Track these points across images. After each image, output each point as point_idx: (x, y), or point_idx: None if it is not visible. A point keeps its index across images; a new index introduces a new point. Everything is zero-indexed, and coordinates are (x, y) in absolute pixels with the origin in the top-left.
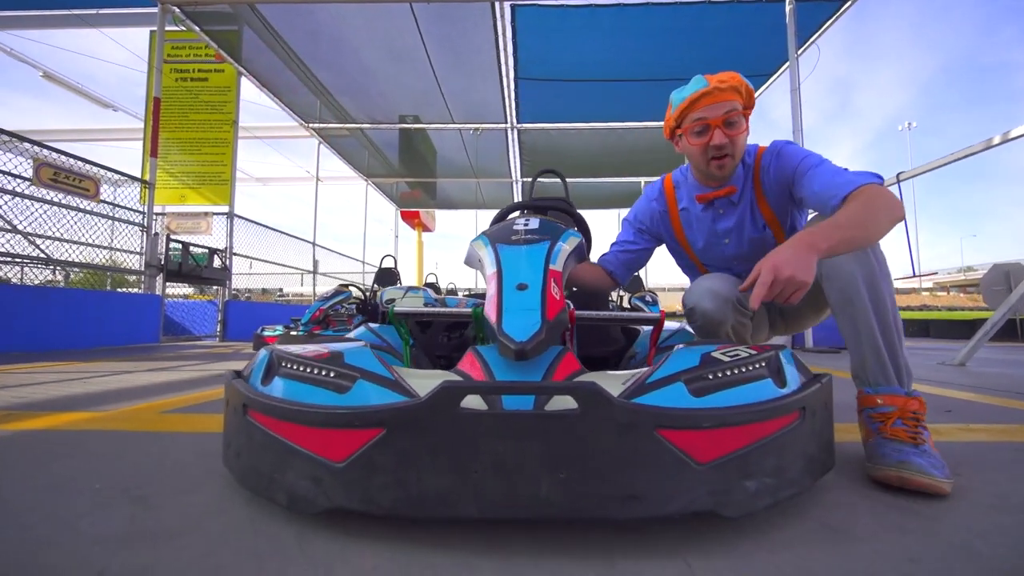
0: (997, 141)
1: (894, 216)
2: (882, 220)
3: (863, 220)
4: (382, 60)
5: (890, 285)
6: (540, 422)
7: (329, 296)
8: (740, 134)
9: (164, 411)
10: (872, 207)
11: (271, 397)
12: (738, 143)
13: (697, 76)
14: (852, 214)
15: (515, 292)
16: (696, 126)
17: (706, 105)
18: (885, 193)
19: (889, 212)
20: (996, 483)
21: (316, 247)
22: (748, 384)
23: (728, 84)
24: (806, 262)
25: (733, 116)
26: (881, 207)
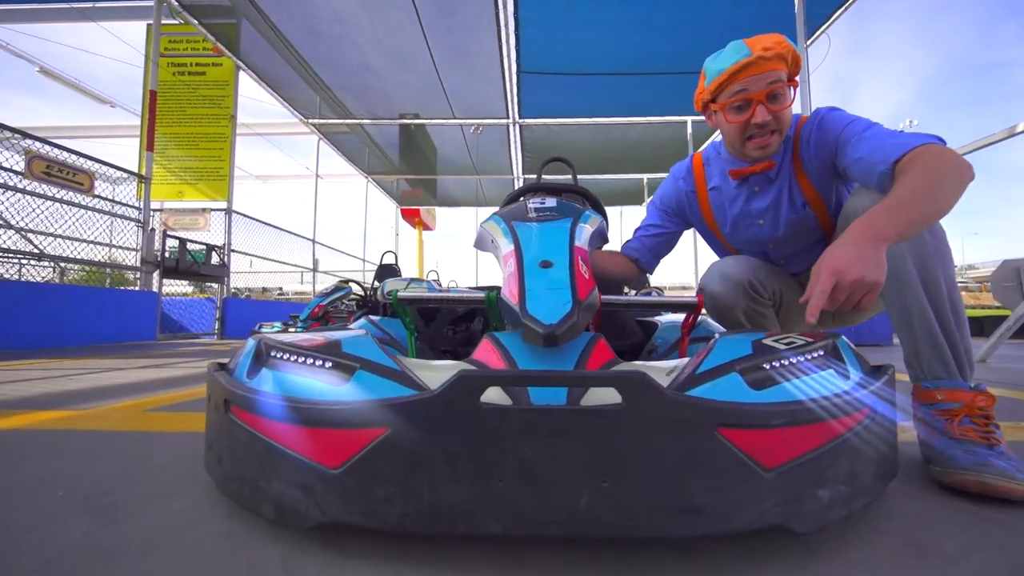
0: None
1: (963, 178)
2: (949, 186)
3: (930, 190)
4: (383, 55)
5: (947, 263)
6: (578, 419)
7: (329, 292)
8: (785, 108)
9: (149, 409)
10: (936, 173)
11: (257, 391)
12: (784, 118)
13: (736, 42)
14: (915, 186)
15: (539, 270)
16: (735, 101)
17: (748, 77)
18: (947, 153)
19: (957, 174)
20: None
21: (316, 244)
22: (811, 375)
23: (774, 52)
24: (873, 258)
25: (778, 88)
26: (947, 170)
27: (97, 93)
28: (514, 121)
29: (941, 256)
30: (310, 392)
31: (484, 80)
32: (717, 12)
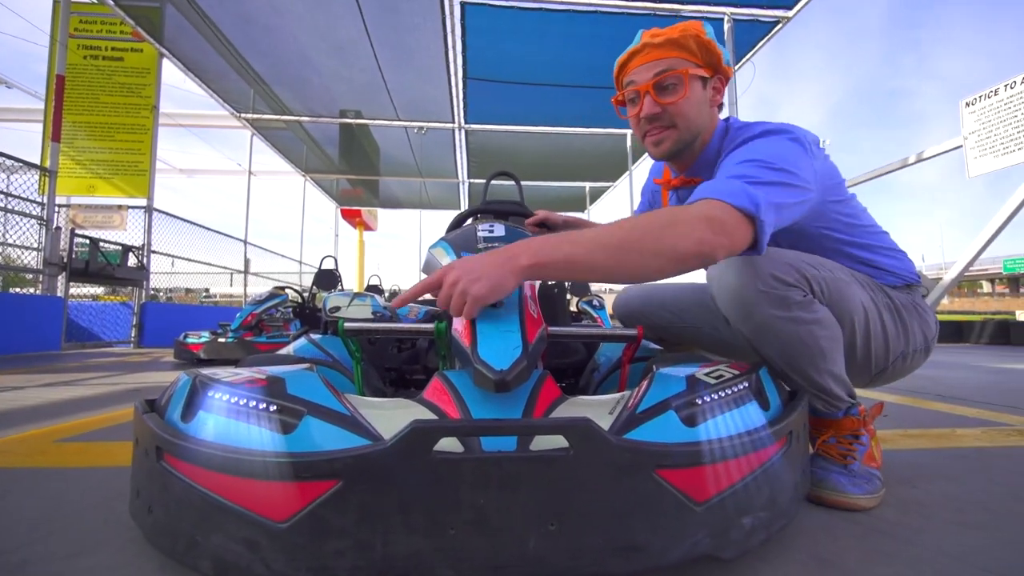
0: (912, 160)
1: (668, 246)
2: (649, 251)
3: (621, 243)
4: (322, 50)
5: (784, 306)
6: (527, 466)
7: (263, 299)
8: (678, 100)
9: (59, 439)
10: (650, 228)
11: (193, 439)
12: (680, 111)
13: (639, 31)
14: (616, 232)
15: (488, 310)
16: (628, 93)
17: (636, 67)
18: (699, 214)
19: (669, 244)
20: (951, 496)
21: (248, 245)
22: (736, 410)
23: (663, 37)
24: (489, 274)
25: (668, 78)
26: (661, 230)
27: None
28: (460, 126)
29: (759, 292)
30: (254, 441)
31: (429, 82)
32: None
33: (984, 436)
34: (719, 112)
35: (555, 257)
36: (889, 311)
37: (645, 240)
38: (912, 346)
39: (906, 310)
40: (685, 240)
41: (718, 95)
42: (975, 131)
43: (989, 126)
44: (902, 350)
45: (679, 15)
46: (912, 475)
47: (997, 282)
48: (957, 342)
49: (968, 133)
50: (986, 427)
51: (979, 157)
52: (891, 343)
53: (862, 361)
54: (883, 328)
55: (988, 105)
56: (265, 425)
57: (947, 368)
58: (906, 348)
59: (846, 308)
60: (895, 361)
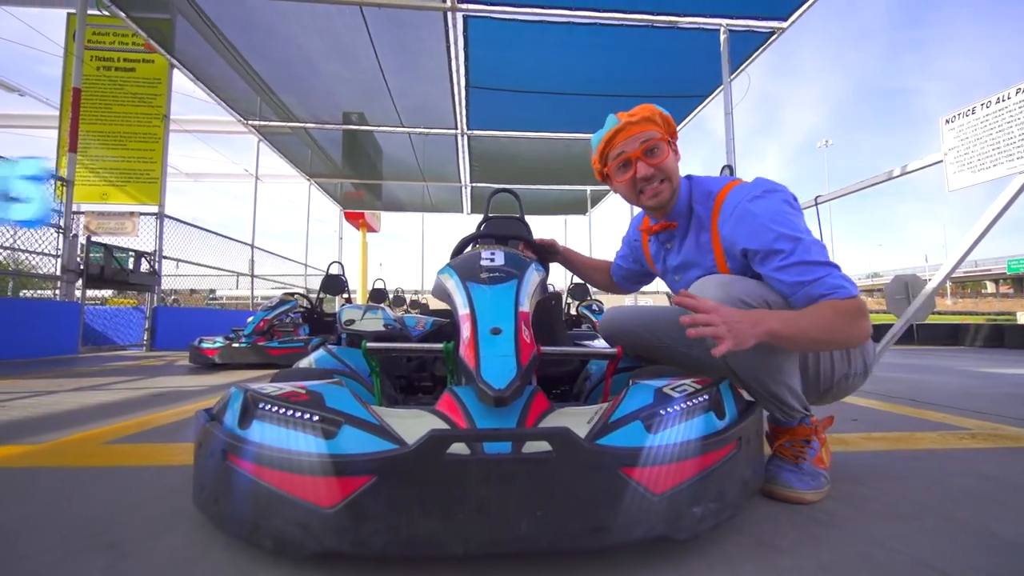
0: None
1: (851, 341)
2: (837, 341)
3: (821, 336)
4: (328, 60)
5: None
6: (519, 466)
7: (274, 306)
8: (664, 159)
9: (107, 442)
10: (840, 322)
11: (252, 443)
12: (667, 168)
13: (609, 115)
14: (815, 323)
15: (490, 337)
16: (618, 162)
17: (622, 140)
18: (855, 311)
19: (847, 336)
20: (889, 492)
21: (255, 249)
22: (694, 419)
23: (639, 116)
24: (744, 328)
25: (652, 144)
26: (847, 326)
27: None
28: (462, 132)
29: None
30: (302, 444)
31: (433, 91)
32: (653, 43)
33: (939, 439)
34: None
35: (785, 333)
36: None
37: (846, 328)
38: (853, 369)
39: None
40: (862, 330)
41: (678, 154)
42: (954, 147)
43: (967, 143)
44: (844, 372)
45: (676, 26)
46: (862, 474)
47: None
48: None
49: (948, 149)
50: (944, 431)
51: (958, 172)
52: (836, 365)
53: (812, 379)
54: (829, 352)
55: (966, 123)
56: (311, 432)
57: (931, 372)
58: (848, 371)
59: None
60: (839, 381)
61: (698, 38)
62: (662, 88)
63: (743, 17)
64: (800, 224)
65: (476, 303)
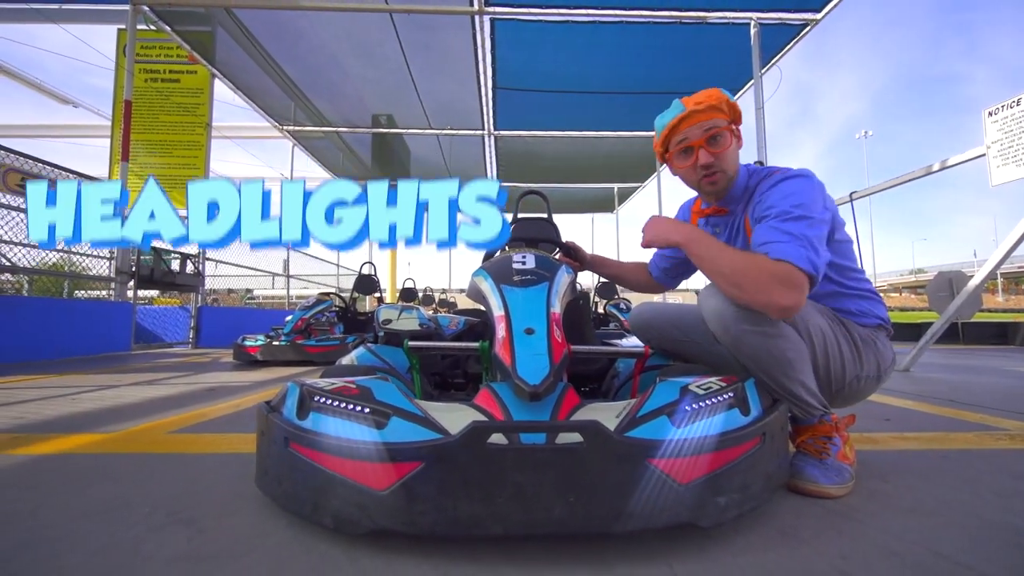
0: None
1: (766, 299)
2: (750, 288)
3: (737, 271)
4: (358, 64)
5: (753, 322)
6: (553, 455)
7: (311, 305)
8: (725, 150)
9: (170, 431)
10: (753, 273)
11: (311, 432)
12: (726, 159)
13: (675, 101)
14: (740, 259)
15: (524, 336)
16: (680, 148)
17: (687, 127)
18: (782, 276)
19: (764, 292)
20: (916, 489)
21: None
22: (717, 415)
23: (705, 104)
24: (664, 234)
25: (715, 133)
26: (757, 279)
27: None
28: (489, 132)
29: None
30: (356, 433)
31: (460, 92)
32: (680, 40)
33: (974, 440)
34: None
35: (699, 246)
36: (846, 340)
37: (755, 281)
38: (865, 372)
39: (863, 342)
40: (764, 295)
41: (740, 140)
42: (997, 140)
43: (1011, 136)
44: (856, 374)
45: (705, 22)
46: (889, 472)
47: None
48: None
49: (991, 142)
50: (980, 431)
51: (1001, 166)
52: (847, 367)
53: (824, 378)
54: (840, 352)
55: (1010, 115)
56: (363, 422)
57: (974, 373)
58: (860, 372)
59: (807, 330)
60: (850, 382)
61: (727, 33)
62: (689, 84)
63: (774, 10)
64: (811, 205)
65: (510, 305)
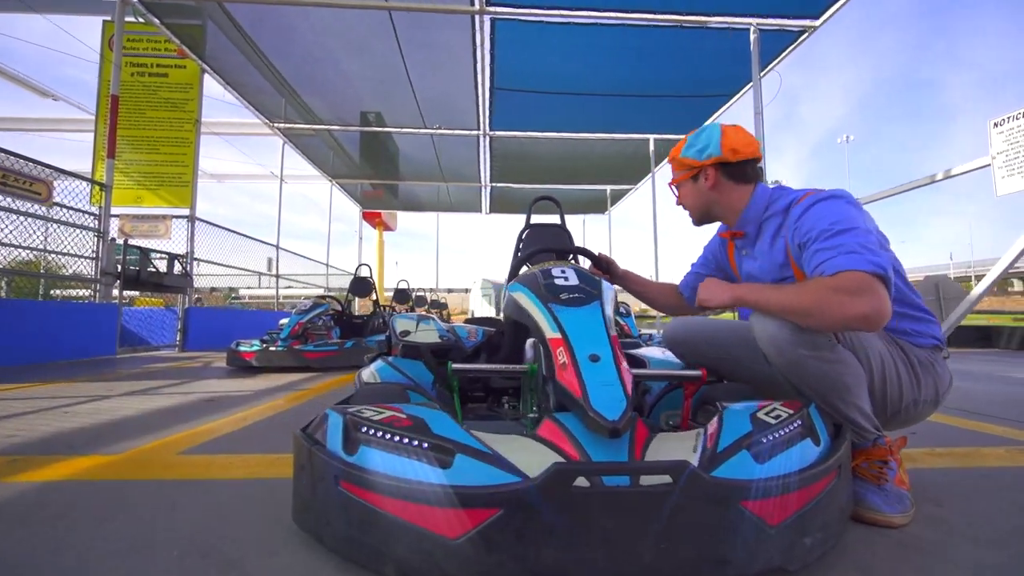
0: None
1: (841, 315)
2: (820, 310)
3: (801, 300)
4: (352, 61)
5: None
6: (643, 499)
7: (308, 309)
8: (679, 199)
9: (180, 452)
10: (819, 294)
11: (367, 470)
12: (685, 203)
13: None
14: (800, 290)
15: (590, 364)
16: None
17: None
18: (851, 285)
19: (837, 309)
20: (972, 515)
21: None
22: (794, 446)
23: (670, 156)
24: (719, 294)
25: (673, 184)
26: (829, 297)
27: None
28: (484, 133)
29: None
30: (420, 473)
31: (457, 92)
32: (680, 43)
33: (1007, 456)
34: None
35: (758, 298)
36: (904, 363)
37: (823, 299)
38: (923, 396)
39: (921, 365)
40: (858, 310)
41: (708, 180)
42: (1003, 151)
43: (1017, 147)
44: (913, 398)
45: (705, 26)
46: (938, 494)
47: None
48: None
49: (996, 153)
50: (1009, 446)
51: (1007, 177)
52: (904, 390)
53: (880, 402)
54: (897, 376)
55: (1016, 127)
56: (425, 460)
57: (974, 380)
58: (917, 396)
59: (865, 355)
60: (907, 407)
61: (726, 37)
62: (687, 88)
63: (774, 16)
64: (852, 219)
65: (567, 327)
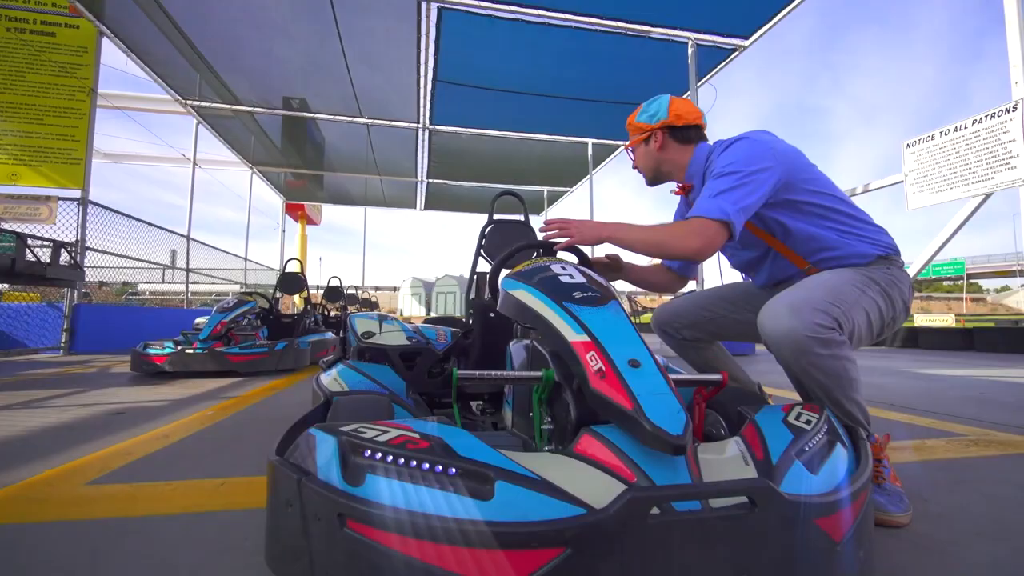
0: (860, 191)
1: (680, 250)
2: (669, 248)
3: (654, 239)
4: (281, 42)
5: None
6: (722, 524)
7: (231, 307)
8: (636, 162)
9: (90, 481)
10: (667, 234)
11: (381, 505)
12: (638, 164)
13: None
14: (647, 232)
15: (633, 371)
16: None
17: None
18: (693, 228)
19: (677, 245)
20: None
21: (192, 241)
22: (833, 453)
23: (627, 125)
24: (591, 236)
25: (628, 149)
26: (673, 236)
27: None
28: (424, 126)
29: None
30: (452, 508)
31: (397, 83)
32: (625, 51)
33: (950, 448)
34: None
35: (619, 236)
36: (881, 295)
37: (661, 243)
38: (896, 313)
39: (889, 286)
40: (681, 249)
41: (657, 142)
42: (914, 169)
43: (926, 166)
44: (892, 316)
45: (648, 36)
46: (918, 488)
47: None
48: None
49: (908, 171)
50: (947, 438)
51: (917, 192)
52: (885, 318)
53: (869, 337)
54: (880, 312)
55: (925, 148)
56: (455, 490)
57: (881, 375)
58: (894, 314)
59: (862, 322)
60: (887, 326)
61: (667, 48)
62: (627, 95)
63: (711, 32)
64: (743, 162)
65: (595, 329)
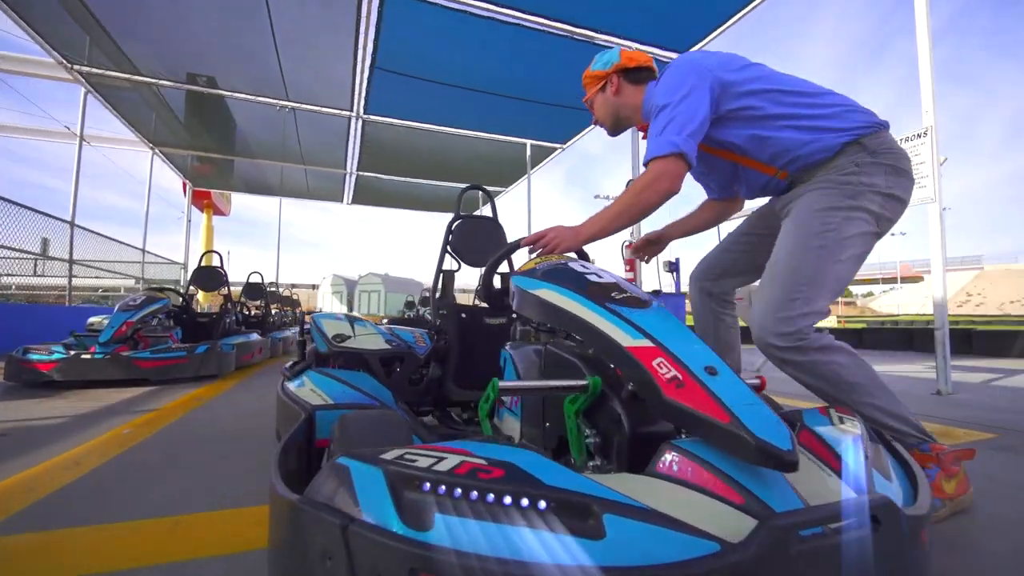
0: None
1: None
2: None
3: (622, 210)
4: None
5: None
6: (854, 547)
7: (139, 305)
8: (596, 113)
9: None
10: (630, 199)
11: (465, 554)
12: (597, 113)
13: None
14: (616, 206)
15: (714, 380)
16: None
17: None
18: (652, 174)
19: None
20: None
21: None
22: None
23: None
24: (571, 241)
25: (587, 102)
26: (640, 193)
27: None
28: (358, 115)
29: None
30: (557, 552)
31: (332, 67)
32: (570, 54)
33: None
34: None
35: (595, 231)
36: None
37: (634, 204)
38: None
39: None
40: (653, 196)
41: (613, 87)
42: None
43: None
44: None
45: (592, 42)
46: None
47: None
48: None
49: None
50: None
51: None
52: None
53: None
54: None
55: None
56: (555, 530)
57: None
58: (889, 216)
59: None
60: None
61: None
62: (569, 99)
63: (650, 44)
64: (671, 91)
65: (656, 333)
